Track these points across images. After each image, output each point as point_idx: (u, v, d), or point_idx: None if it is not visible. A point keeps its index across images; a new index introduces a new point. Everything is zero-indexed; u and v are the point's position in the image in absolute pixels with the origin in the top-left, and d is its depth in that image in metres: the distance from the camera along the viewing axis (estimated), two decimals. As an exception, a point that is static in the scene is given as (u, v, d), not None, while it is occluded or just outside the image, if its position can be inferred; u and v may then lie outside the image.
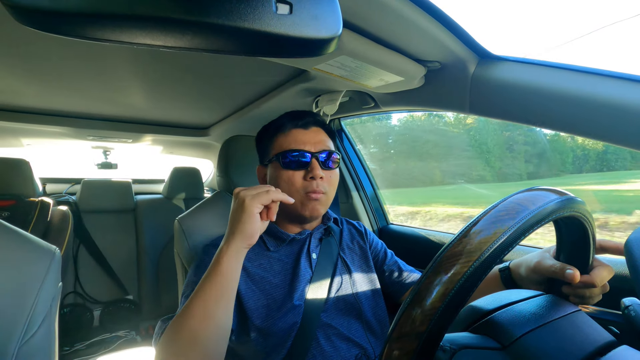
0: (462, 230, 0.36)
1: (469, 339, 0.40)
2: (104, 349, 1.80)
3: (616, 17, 5.53)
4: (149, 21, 0.26)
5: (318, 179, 0.76)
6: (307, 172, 0.76)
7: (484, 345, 0.39)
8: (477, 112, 0.79)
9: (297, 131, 0.80)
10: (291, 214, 0.80)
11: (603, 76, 0.60)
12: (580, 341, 0.39)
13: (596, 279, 0.51)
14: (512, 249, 0.34)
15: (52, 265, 0.58)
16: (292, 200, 0.65)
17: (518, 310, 0.44)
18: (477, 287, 0.33)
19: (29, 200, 1.59)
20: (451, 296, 0.32)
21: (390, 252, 0.95)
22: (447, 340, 0.39)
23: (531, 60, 0.69)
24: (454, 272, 0.33)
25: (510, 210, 0.36)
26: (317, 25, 0.30)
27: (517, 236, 0.34)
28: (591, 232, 0.47)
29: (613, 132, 0.59)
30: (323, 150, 0.79)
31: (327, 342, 0.72)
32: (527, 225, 0.35)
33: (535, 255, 0.61)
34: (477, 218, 0.36)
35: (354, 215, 1.46)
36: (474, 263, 0.33)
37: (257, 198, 0.61)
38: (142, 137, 1.83)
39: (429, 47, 0.73)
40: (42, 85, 1.11)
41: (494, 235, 0.34)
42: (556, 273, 0.53)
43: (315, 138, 0.80)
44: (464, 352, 0.37)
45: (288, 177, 0.77)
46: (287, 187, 0.77)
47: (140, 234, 2.14)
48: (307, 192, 0.76)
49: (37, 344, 0.53)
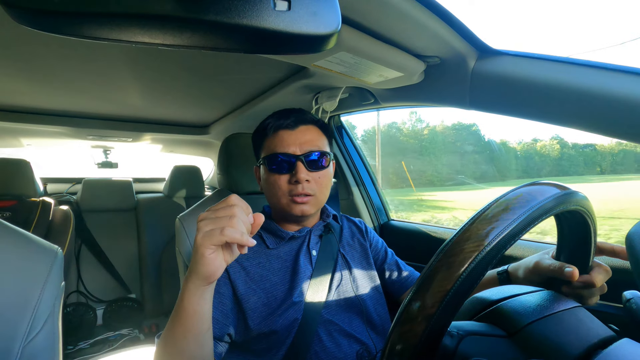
0: (474, 217, 0.36)
1: (476, 326, 0.41)
2: (107, 347, 1.81)
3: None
4: (148, 19, 0.26)
5: (303, 182, 0.75)
6: (292, 176, 0.76)
7: (490, 333, 0.40)
8: (477, 107, 0.79)
9: (283, 132, 0.78)
10: (284, 214, 0.80)
11: (604, 69, 0.59)
12: (584, 333, 0.40)
13: (596, 279, 0.52)
14: (521, 236, 0.35)
15: (55, 264, 0.58)
16: (252, 242, 0.50)
17: (522, 301, 0.44)
18: (486, 272, 0.34)
19: (30, 200, 1.59)
20: (461, 280, 0.33)
21: (390, 252, 0.95)
22: (454, 327, 0.39)
23: (531, 54, 0.69)
24: (465, 256, 0.33)
25: (520, 199, 0.37)
26: (316, 21, 0.30)
27: (527, 224, 0.35)
28: (593, 229, 0.47)
29: (613, 125, 0.59)
30: (310, 152, 0.77)
31: (328, 338, 0.72)
32: (535, 215, 0.36)
33: (534, 257, 0.61)
34: (488, 205, 0.37)
35: (355, 211, 1.47)
36: (484, 247, 0.33)
37: (208, 237, 0.49)
38: (142, 136, 1.84)
39: (428, 42, 0.72)
40: (42, 85, 1.11)
41: (504, 221, 0.35)
42: (555, 271, 0.53)
43: (302, 138, 0.77)
44: (471, 338, 0.38)
45: (274, 180, 0.77)
46: (274, 191, 0.77)
47: (142, 233, 2.15)
48: (292, 196, 0.76)
49: (41, 344, 0.54)
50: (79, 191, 2.12)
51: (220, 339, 0.68)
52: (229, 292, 0.72)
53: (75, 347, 1.78)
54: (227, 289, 0.72)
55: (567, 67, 0.63)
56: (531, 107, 0.69)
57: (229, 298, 0.71)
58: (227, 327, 0.69)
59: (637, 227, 0.44)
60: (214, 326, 0.66)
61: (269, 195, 0.80)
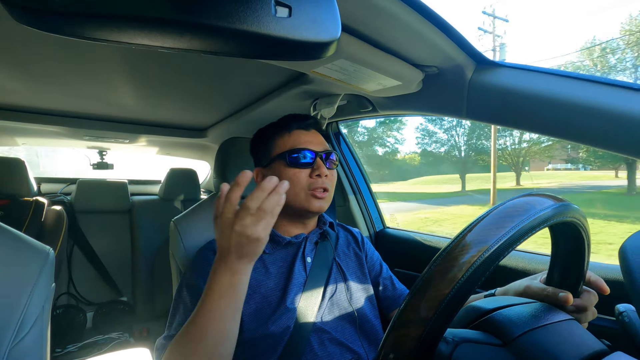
0: (472, 224, 0.37)
1: (471, 334, 0.41)
2: (96, 351, 1.78)
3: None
4: (148, 22, 0.26)
5: (324, 177, 0.78)
6: (312, 170, 0.78)
7: (485, 341, 0.40)
8: (473, 117, 0.79)
9: (299, 132, 0.82)
10: (296, 210, 0.80)
11: (598, 83, 0.60)
12: (578, 345, 0.40)
13: (587, 303, 0.52)
14: (518, 244, 0.36)
15: (46, 265, 0.57)
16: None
17: (517, 311, 0.45)
18: (485, 278, 0.34)
19: (23, 199, 1.58)
20: (459, 285, 0.33)
21: (385, 266, 0.95)
22: (450, 334, 0.40)
23: (527, 67, 0.70)
24: (463, 262, 0.34)
25: (519, 208, 0.37)
26: (316, 28, 0.30)
27: (524, 233, 0.36)
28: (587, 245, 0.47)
29: (606, 138, 0.59)
30: (325, 150, 0.81)
31: (320, 346, 0.71)
32: (533, 224, 0.36)
33: (524, 281, 0.60)
34: (487, 213, 0.38)
35: (351, 219, 1.46)
36: (482, 254, 0.34)
37: (269, 228, 0.56)
38: (139, 138, 1.83)
39: (426, 52, 0.73)
40: (39, 85, 1.10)
41: (502, 229, 0.35)
42: (549, 296, 0.52)
43: (317, 139, 0.83)
44: (466, 346, 0.38)
45: (294, 174, 0.78)
46: (292, 185, 0.76)
47: (136, 235, 2.12)
48: (312, 189, 0.77)
49: (28, 346, 0.53)
50: (73, 192, 2.10)
51: None
52: None
53: (63, 350, 1.75)
54: None
55: (562, 80, 0.64)
56: (526, 119, 0.69)
57: None
58: None
59: (630, 240, 0.44)
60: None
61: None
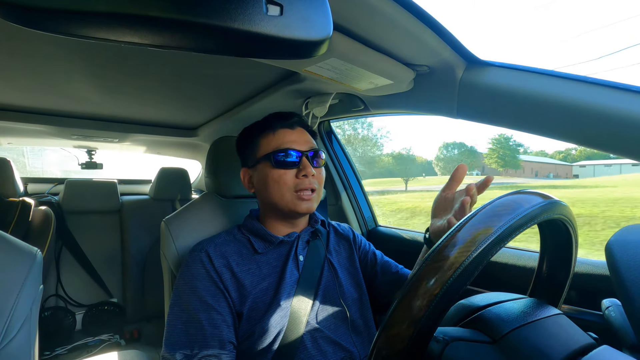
0: (461, 222, 0.37)
1: (461, 332, 0.42)
2: (86, 353, 1.75)
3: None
4: (138, 20, 0.25)
5: (310, 177, 0.77)
6: (298, 171, 0.77)
7: (475, 339, 0.41)
8: (464, 116, 0.80)
9: (284, 131, 0.81)
10: (283, 211, 0.80)
11: (589, 83, 0.61)
12: (565, 340, 0.41)
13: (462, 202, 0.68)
14: (507, 242, 0.36)
15: (33, 267, 0.56)
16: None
17: (506, 308, 0.45)
18: (473, 277, 0.34)
19: (9, 200, 1.55)
20: (449, 285, 0.33)
21: (379, 253, 0.95)
22: (440, 332, 0.40)
23: (517, 66, 0.71)
24: (452, 261, 0.34)
25: (507, 206, 0.38)
26: (308, 27, 0.30)
27: (513, 231, 0.36)
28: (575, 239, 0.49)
29: (597, 138, 0.61)
30: (311, 149, 0.80)
31: (313, 345, 0.72)
32: (521, 222, 0.37)
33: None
34: (476, 211, 0.38)
35: (343, 217, 1.47)
36: (472, 253, 0.34)
37: None
38: (129, 137, 1.80)
39: (418, 51, 0.74)
40: (26, 83, 1.08)
41: (490, 228, 0.35)
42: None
43: (302, 138, 0.81)
44: (456, 344, 0.39)
45: (279, 175, 0.77)
46: (278, 187, 0.77)
47: (126, 236, 2.10)
48: (298, 190, 0.77)
49: (16, 349, 0.52)
50: (61, 192, 2.06)
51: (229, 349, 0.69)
52: (225, 305, 0.71)
53: (52, 352, 1.72)
54: (224, 303, 0.71)
55: (551, 80, 0.65)
56: (516, 118, 0.70)
57: (227, 312, 0.71)
58: (232, 337, 0.70)
59: (616, 236, 0.46)
60: (226, 343, 0.68)
61: (271, 192, 0.79)
